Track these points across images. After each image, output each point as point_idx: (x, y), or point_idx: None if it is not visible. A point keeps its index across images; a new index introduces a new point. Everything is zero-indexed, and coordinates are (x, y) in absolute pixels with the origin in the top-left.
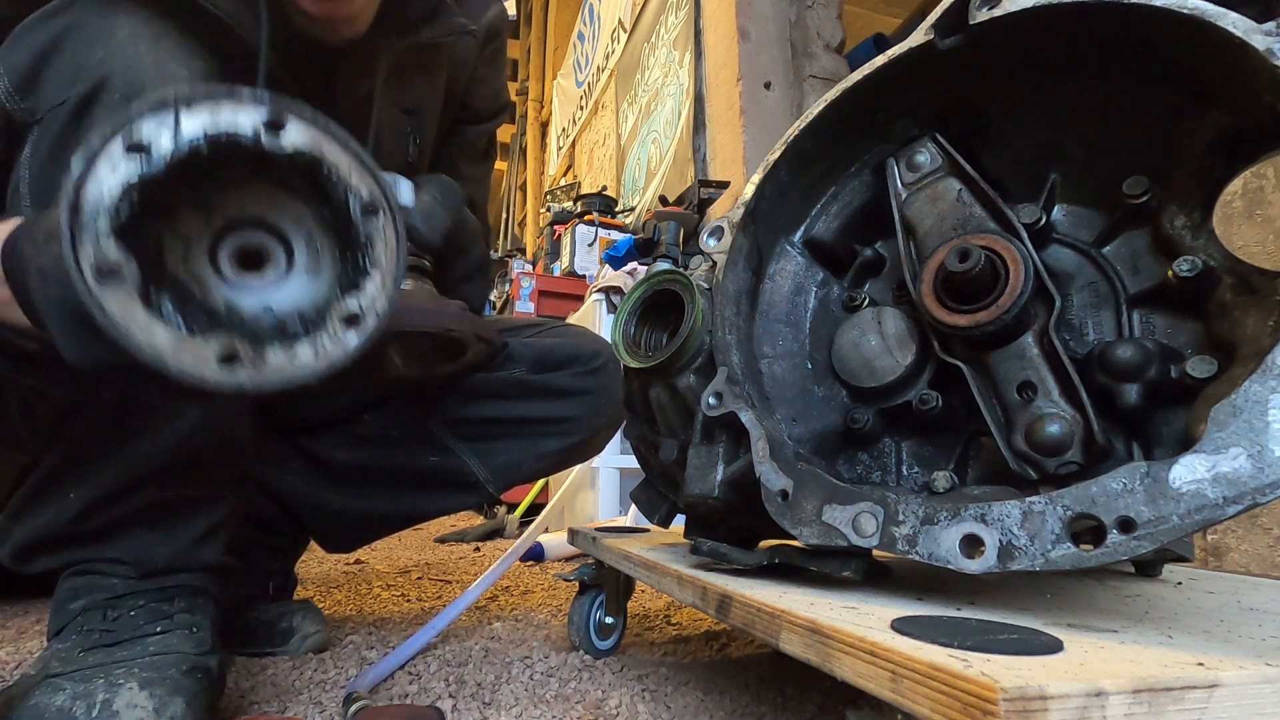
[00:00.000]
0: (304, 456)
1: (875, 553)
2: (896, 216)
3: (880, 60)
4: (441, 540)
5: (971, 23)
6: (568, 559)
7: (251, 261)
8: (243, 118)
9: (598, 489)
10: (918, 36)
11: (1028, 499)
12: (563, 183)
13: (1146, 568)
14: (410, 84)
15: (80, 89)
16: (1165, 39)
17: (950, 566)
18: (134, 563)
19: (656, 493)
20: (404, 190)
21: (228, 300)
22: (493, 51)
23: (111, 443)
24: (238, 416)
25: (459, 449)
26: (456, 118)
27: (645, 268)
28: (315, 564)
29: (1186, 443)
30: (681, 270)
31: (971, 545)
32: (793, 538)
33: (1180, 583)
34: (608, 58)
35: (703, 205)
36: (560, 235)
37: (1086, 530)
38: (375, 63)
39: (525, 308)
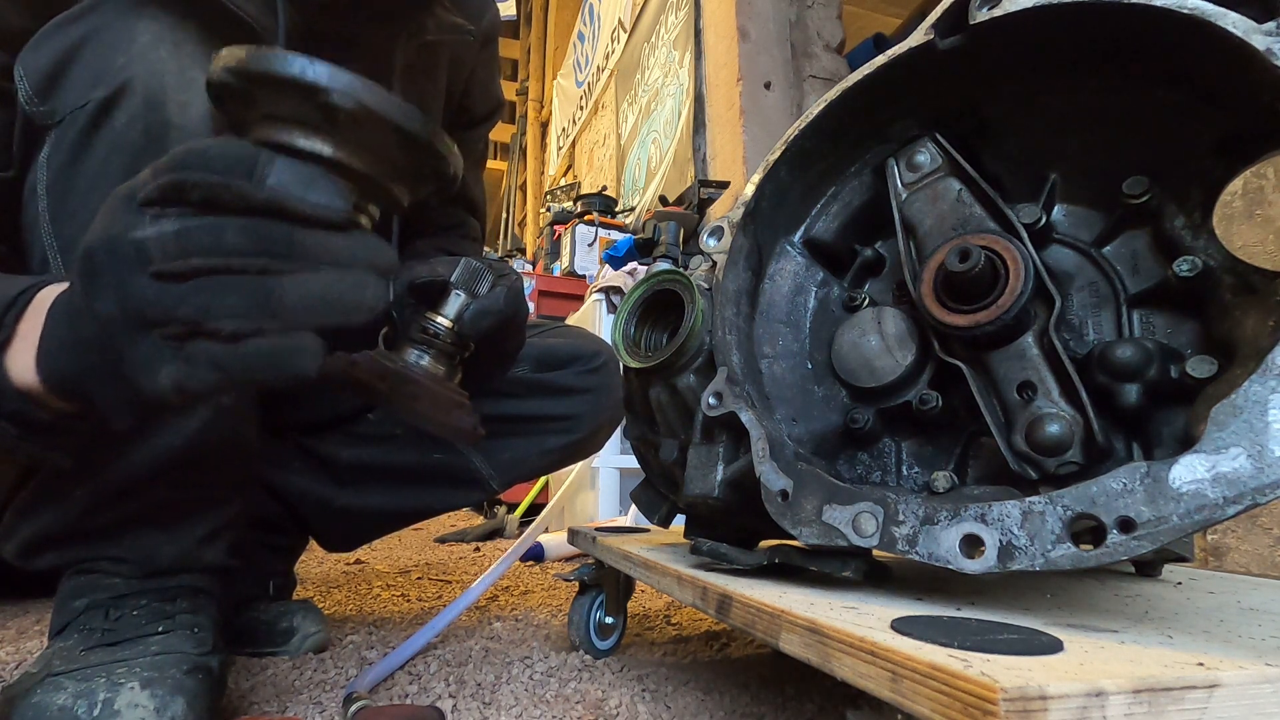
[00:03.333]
0: (307, 456)
1: (875, 553)
2: (896, 216)
3: (880, 60)
4: (441, 540)
5: (971, 23)
6: (568, 559)
7: None
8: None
9: (598, 489)
10: (918, 36)
11: (1028, 499)
12: (563, 183)
13: (1146, 568)
14: (416, 85)
15: (101, 92)
16: (1165, 39)
17: (950, 566)
18: (138, 562)
19: (656, 493)
20: (483, 284)
21: None
22: (489, 54)
23: (120, 441)
24: (244, 417)
25: (463, 446)
26: (454, 122)
27: (645, 268)
28: (315, 564)
29: (1186, 443)
30: (681, 270)
31: (971, 545)
32: (793, 538)
33: (1180, 583)
34: (608, 58)
35: (703, 205)
36: (560, 235)
37: (1086, 530)
38: (389, 66)
39: None
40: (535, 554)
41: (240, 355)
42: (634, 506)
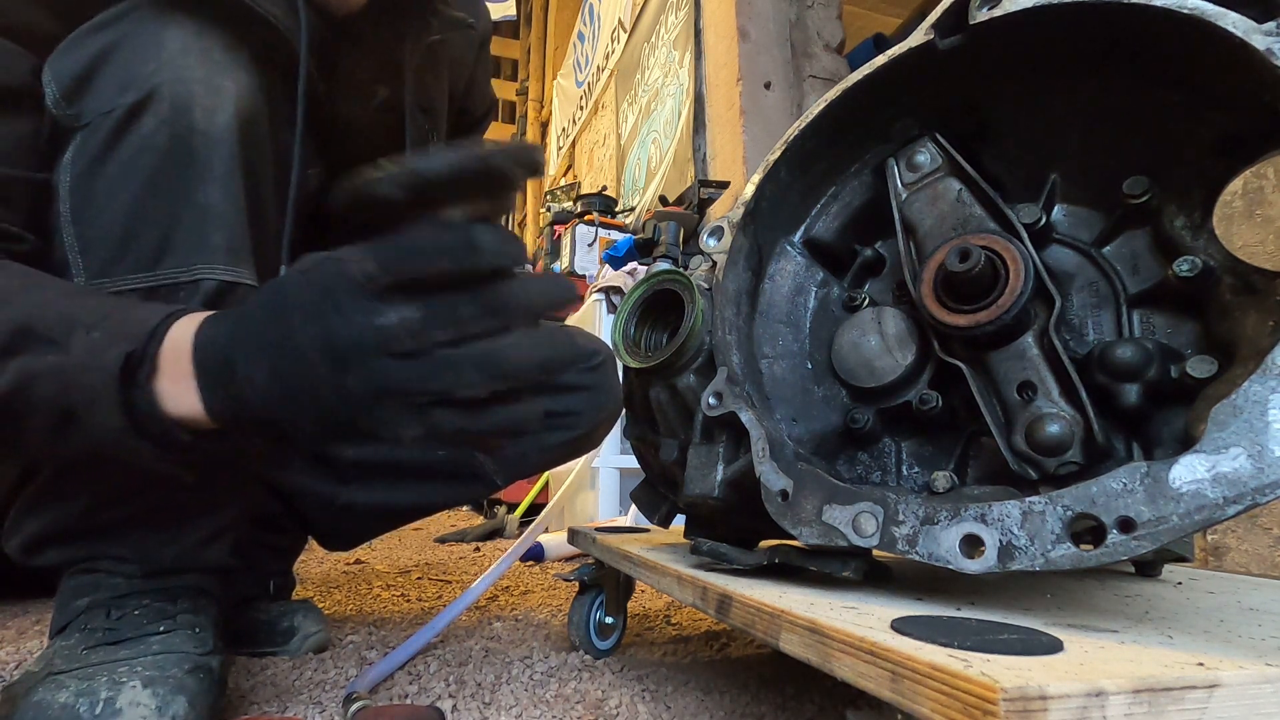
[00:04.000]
0: (308, 454)
1: (875, 553)
2: (896, 216)
3: (880, 60)
4: (441, 540)
5: (971, 23)
6: (568, 559)
7: None
8: None
9: (598, 489)
10: (918, 36)
11: (1028, 499)
12: (563, 183)
13: (1146, 568)
14: (423, 84)
15: (129, 98)
16: (1165, 39)
17: (950, 566)
18: (140, 561)
19: (656, 493)
20: None
21: None
22: (485, 55)
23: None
24: None
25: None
26: (456, 124)
27: (645, 268)
28: (315, 564)
29: (1186, 443)
30: (681, 270)
31: (971, 545)
32: (793, 538)
33: (1180, 583)
34: (608, 58)
35: (703, 205)
36: (560, 235)
37: (1086, 530)
38: (399, 67)
39: None
40: (535, 554)
41: (478, 421)
42: (634, 506)
